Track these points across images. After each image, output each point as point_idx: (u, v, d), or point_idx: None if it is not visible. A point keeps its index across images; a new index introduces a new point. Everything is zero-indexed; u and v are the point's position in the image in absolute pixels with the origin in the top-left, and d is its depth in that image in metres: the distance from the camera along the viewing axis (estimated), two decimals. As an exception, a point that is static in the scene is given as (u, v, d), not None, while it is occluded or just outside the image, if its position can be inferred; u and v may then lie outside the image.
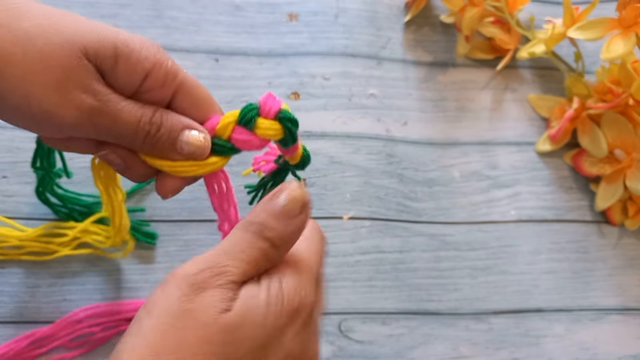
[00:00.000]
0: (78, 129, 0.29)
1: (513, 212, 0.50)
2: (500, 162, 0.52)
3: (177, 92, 0.31)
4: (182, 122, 0.31)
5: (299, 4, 0.54)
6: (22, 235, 0.42)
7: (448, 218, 0.49)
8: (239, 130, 0.32)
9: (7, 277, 0.42)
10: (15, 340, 0.40)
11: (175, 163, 0.32)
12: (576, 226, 0.50)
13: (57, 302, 0.42)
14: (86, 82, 0.28)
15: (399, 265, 0.46)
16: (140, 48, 0.29)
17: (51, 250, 0.42)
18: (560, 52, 0.55)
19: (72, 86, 0.28)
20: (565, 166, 0.52)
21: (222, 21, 0.53)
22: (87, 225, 0.42)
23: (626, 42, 0.46)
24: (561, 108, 0.52)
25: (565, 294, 0.48)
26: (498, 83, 0.55)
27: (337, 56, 0.53)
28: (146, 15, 0.52)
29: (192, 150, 0.31)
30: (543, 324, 0.46)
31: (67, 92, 0.28)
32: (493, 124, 0.53)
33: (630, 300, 0.48)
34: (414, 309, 0.45)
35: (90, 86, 0.28)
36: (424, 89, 0.54)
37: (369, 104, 0.52)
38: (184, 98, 0.31)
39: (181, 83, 0.31)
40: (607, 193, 0.50)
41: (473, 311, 0.46)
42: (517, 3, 0.54)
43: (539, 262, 0.48)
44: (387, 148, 0.50)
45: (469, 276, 0.47)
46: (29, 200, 0.44)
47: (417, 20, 0.56)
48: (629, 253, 0.50)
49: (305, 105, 0.51)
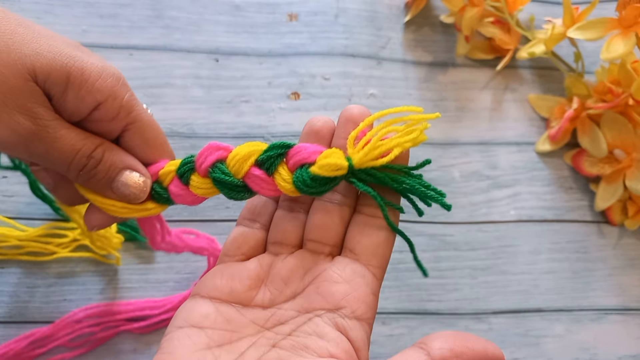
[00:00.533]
0: (11, 150, 0.28)
1: (513, 212, 0.50)
2: (500, 162, 0.52)
3: (128, 128, 0.30)
4: (124, 162, 0.30)
5: (299, 4, 0.54)
6: (22, 235, 0.42)
7: (448, 218, 0.49)
8: (176, 182, 0.30)
9: (7, 277, 0.42)
10: (15, 340, 0.40)
11: (108, 201, 0.30)
12: (576, 226, 0.50)
13: (57, 302, 0.42)
14: (28, 104, 0.27)
15: (399, 265, 0.46)
16: (96, 78, 0.28)
17: (50, 251, 0.42)
18: (560, 52, 0.55)
19: (10, 107, 0.27)
20: (565, 166, 0.52)
21: (222, 21, 0.53)
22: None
23: (626, 42, 0.46)
24: (561, 108, 0.52)
25: (565, 294, 0.48)
26: (498, 83, 0.55)
27: (337, 56, 0.53)
28: (146, 15, 0.52)
29: (128, 192, 0.30)
30: (543, 324, 0.46)
31: (4, 112, 0.27)
32: (493, 124, 0.53)
33: (630, 300, 0.48)
34: (414, 309, 0.45)
35: (32, 109, 0.27)
36: (424, 89, 0.54)
37: (369, 104, 0.52)
38: (134, 135, 0.30)
39: (135, 120, 0.30)
40: (607, 193, 0.50)
41: (473, 311, 0.46)
42: (517, 3, 0.54)
43: (539, 262, 0.48)
44: (387, 148, 0.50)
45: (469, 276, 0.47)
46: (29, 200, 0.44)
47: (417, 20, 0.56)
48: (629, 253, 0.50)
49: (305, 105, 0.51)
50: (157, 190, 0.31)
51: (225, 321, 0.28)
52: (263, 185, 0.29)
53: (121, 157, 0.30)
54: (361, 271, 0.29)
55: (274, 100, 0.50)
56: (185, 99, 0.49)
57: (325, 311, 0.28)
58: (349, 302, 0.28)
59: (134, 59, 0.50)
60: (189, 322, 0.28)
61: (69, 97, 0.28)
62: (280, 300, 0.29)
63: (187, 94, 0.49)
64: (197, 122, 0.49)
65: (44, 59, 0.27)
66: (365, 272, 0.29)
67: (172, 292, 0.43)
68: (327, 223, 0.30)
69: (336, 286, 0.28)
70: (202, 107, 0.49)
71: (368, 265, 0.29)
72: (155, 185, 0.31)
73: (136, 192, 0.30)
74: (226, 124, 0.49)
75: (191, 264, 0.44)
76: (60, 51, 0.28)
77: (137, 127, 0.30)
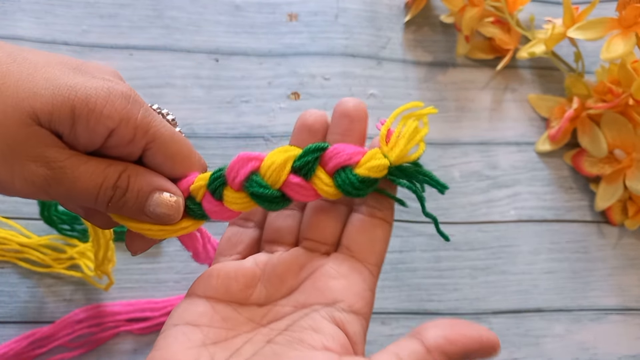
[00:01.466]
0: (35, 197, 0.27)
1: (513, 212, 0.50)
2: (500, 162, 0.52)
3: (148, 147, 0.28)
4: (152, 184, 0.28)
5: (299, 4, 0.54)
6: (24, 241, 0.42)
7: (448, 218, 0.49)
8: (208, 198, 0.29)
9: (7, 277, 0.42)
10: (15, 340, 0.40)
11: (144, 225, 0.28)
12: (576, 226, 0.50)
13: (57, 302, 0.42)
14: (37, 150, 0.25)
15: (399, 265, 0.46)
16: (103, 105, 0.26)
17: (46, 263, 0.42)
18: (560, 52, 0.55)
19: (20, 157, 0.25)
20: (565, 166, 0.52)
21: (222, 21, 0.53)
22: (86, 249, 0.42)
23: (626, 42, 0.46)
24: (561, 108, 0.52)
25: (565, 294, 0.48)
26: (498, 83, 0.55)
27: (337, 56, 0.53)
28: (146, 15, 0.52)
29: (162, 215, 0.28)
30: (543, 324, 0.46)
31: (14, 164, 0.25)
32: (493, 124, 0.53)
33: (630, 300, 0.48)
34: (414, 309, 0.45)
35: (42, 154, 0.26)
36: (424, 89, 0.54)
37: (369, 104, 0.52)
38: (156, 153, 0.28)
39: (153, 137, 0.28)
40: (607, 193, 0.50)
41: (473, 311, 0.46)
42: (517, 3, 0.54)
43: (539, 262, 0.48)
44: (387, 148, 0.50)
45: (469, 276, 0.47)
46: (28, 200, 0.44)
47: (417, 20, 0.56)
48: (629, 253, 0.50)
49: (305, 105, 0.51)
50: (190, 207, 0.29)
51: (221, 319, 0.28)
52: (303, 192, 0.28)
53: (148, 180, 0.28)
54: (358, 267, 0.29)
55: (274, 100, 0.50)
56: (185, 99, 0.49)
57: (322, 305, 0.28)
58: (346, 296, 0.28)
59: (134, 59, 0.50)
60: (184, 320, 0.28)
61: (79, 131, 0.26)
62: (277, 297, 0.29)
63: (187, 94, 0.49)
64: (197, 122, 0.49)
65: (43, 98, 0.25)
66: (362, 268, 0.29)
67: (172, 292, 0.43)
68: (324, 222, 0.30)
69: (333, 281, 0.28)
70: (202, 107, 0.49)
71: (365, 262, 0.29)
72: (188, 201, 0.29)
73: (170, 212, 0.28)
74: (226, 124, 0.49)
75: (191, 264, 0.44)
76: (58, 84, 0.26)
77: (157, 145, 0.28)
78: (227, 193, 0.28)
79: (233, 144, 0.49)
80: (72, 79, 0.26)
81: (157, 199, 0.28)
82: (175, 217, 0.29)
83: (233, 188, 0.28)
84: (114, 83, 0.27)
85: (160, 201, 0.28)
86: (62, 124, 0.26)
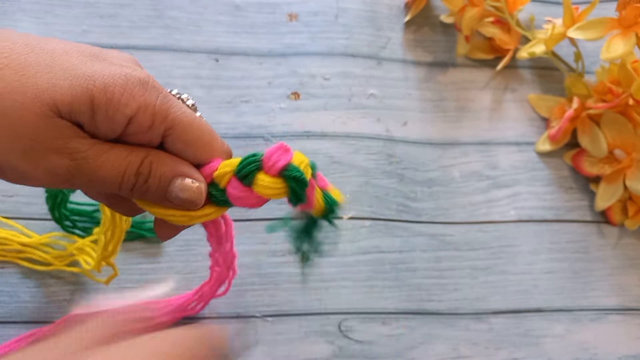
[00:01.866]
0: (59, 187, 0.28)
1: (513, 212, 0.50)
2: (500, 162, 0.51)
3: (168, 134, 0.28)
4: (175, 170, 0.28)
5: (299, 4, 0.54)
6: (25, 241, 0.42)
7: (448, 218, 0.49)
8: (234, 184, 0.29)
9: (7, 277, 0.42)
10: (15, 340, 0.40)
11: (167, 211, 0.29)
12: (576, 226, 0.50)
13: (57, 302, 0.42)
14: (58, 142, 0.26)
15: (399, 265, 0.46)
16: (121, 92, 0.26)
17: (48, 262, 0.42)
18: (560, 52, 0.55)
19: (42, 150, 0.25)
20: (565, 166, 0.52)
21: (222, 21, 0.53)
22: (84, 244, 0.42)
23: (626, 42, 0.46)
24: (561, 108, 0.52)
25: (565, 294, 0.48)
26: (498, 83, 0.55)
27: (337, 56, 0.53)
28: (146, 15, 0.52)
29: (184, 200, 0.28)
30: (543, 324, 0.46)
31: (37, 157, 0.26)
32: (493, 124, 0.53)
33: (630, 300, 0.48)
34: (414, 309, 0.45)
35: (65, 146, 0.26)
36: (424, 89, 0.54)
37: (369, 104, 0.52)
38: (177, 140, 0.28)
39: (173, 124, 0.28)
40: (607, 193, 0.50)
41: (473, 311, 0.46)
42: (517, 3, 0.54)
43: (539, 262, 0.48)
44: (387, 148, 0.50)
45: (469, 276, 0.47)
46: (29, 200, 0.44)
47: (417, 20, 0.56)
48: (629, 253, 0.50)
49: (305, 105, 0.51)
50: (213, 193, 0.29)
51: None
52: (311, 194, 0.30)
53: (170, 166, 0.28)
54: None
55: (274, 100, 0.50)
56: (185, 99, 0.49)
57: None
58: None
59: (134, 59, 0.50)
60: None
61: (99, 121, 0.26)
62: None
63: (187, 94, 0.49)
64: (197, 122, 0.48)
65: (62, 89, 0.25)
66: None
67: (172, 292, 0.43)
68: None
69: None
70: (202, 107, 0.49)
71: None
72: (211, 188, 0.29)
73: (192, 198, 0.28)
74: (226, 124, 0.49)
75: (191, 264, 0.44)
76: (76, 74, 0.26)
77: (177, 131, 0.28)
78: (261, 177, 0.28)
79: (233, 144, 0.48)
80: (90, 67, 0.26)
81: (180, 184, 0.28)
82: (198, 202, 0.29)
83: (270, 174, 0.28)
84: (131, 69, 0.27)
85: (183, 187, 0.28)
86: (82, 114, 0.26)
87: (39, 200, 0.44)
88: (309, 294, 0.44)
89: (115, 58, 0.28)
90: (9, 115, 0.25)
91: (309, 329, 0.43)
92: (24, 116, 0.25)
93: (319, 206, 0.30)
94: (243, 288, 0.44)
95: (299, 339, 0.43)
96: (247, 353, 0.42)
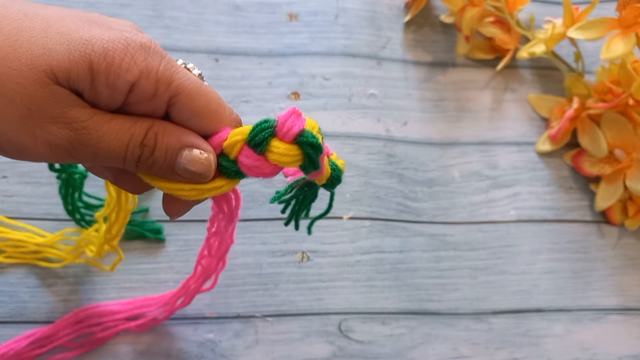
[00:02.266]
0: (60, 161, 0.26)
1: (513, 212, 0.50)
2: (500, 162, 0.52)
3: (173, 102, 0.26)
4: (181, 140, 0.26)
5: (299, 4, 0.54)
6: (40, 241, 0.42)
7: (448, 218, 0.49)
8: (246, 153, 0.27)
9: (7, 277, 0.42)
10: (15, 340, 0.40)
11: (175, 185, 0.27)
12: (576, 226, 0.50)
13: (57, 302, 0.42)
14: (57, 111, 0.24)
15: (399, 265, 0.46)
16: (122, 57, 0.24)
17: (61, 257, 0.42)
18: (560, 52, 0.55)
19: (39, 119, 0.24)
20: (565, 166, 0.52)
21: (222, 21, 0.53)
22: (88, 234, 0.42)
23: (626, 42, 0.46)
24: (561, 108, 0.52)
25: (565, 294, 0.48)
26: (498, 83, 0.55)
27: (337, 56, 0.53)
28: (146, 15, 0.52)
29: (193, 173, 0.27)
30: (543, 324, 0.46)
31: (34, 127, 0.24)
32: (493, 124, 0.53)
33: (630, 300, 0.48)
34: (414, 309, 0.45)
35: (63, 115, 0.24)
36: (424, 89, 0.54)
37: (369, 104, 0.52)
38: (182, 108, 0.26)
39: (177, 91, 0.26)
40: (607, 193, 0.50)
41: (473, 311, 0.46)
42: (517, 3, 0.54)
43: (539, 262, 0.48)
44: (387, 148, 0.50)
45: (469, 276, 0.47)
46: (29, 200, 0.44)
47: (417, 20, 0.56)
48: (629, 253, 0.50)
49: (305, 105, 0.51)
50: (224, 164, 0.27)
51: None
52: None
53: (176, 136, 0.26)
54: None
55: (274, 100, 0.50)
56: (185, 99, 0.49)
57: None
58: None
59: (134, 59, 0.50)
60: None
61: (100, 88, 0.25)
62: None
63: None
64: (197, 122, 0.49)
65: (58, 54, 0.24)
66: None
67: (172, 292, 0.43)
68: None
69: None
70: (202, 107, 0.49)
71: None
72: (221, 159, 0.27)
73: (201, 170, 0.27)
74: (226, 124, 0.49)
75: (191, 264, 0.44)
76: (73, 38, 0.24)
77: (182, 99, 0.26)
78: (276, 144, 0.27)
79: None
80: (87, 32, 0.25)
81: (187, 156, 0.26)
82: (208, 174, 0.27)
83: (285, 140, 0.27)
84: (132, 34, 0.26)
85: (190, 158, 0.26)
86: (81, 81, 0.24)
87: (39, 200, 0.44)
88: (309, 294, 0.44)
89: (115, 23, 0.27)
90: (3, 82, 0.23)
91: (309, 329, 0.43)
92: (19, 83, 0.24)
93: (327, 173, 0.29)
94: (243, 288, 0.44)
95: (299, 339, 0.43)
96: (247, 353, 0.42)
